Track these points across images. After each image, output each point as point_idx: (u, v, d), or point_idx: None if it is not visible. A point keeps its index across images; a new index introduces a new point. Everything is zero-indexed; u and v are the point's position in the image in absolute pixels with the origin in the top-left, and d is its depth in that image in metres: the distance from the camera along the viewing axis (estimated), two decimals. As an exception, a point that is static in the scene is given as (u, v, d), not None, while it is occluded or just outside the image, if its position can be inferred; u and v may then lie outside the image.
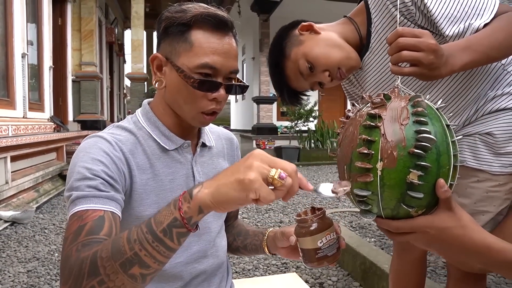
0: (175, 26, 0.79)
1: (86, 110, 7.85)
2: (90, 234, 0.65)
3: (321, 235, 0.74)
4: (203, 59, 0.77)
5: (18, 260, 2.70)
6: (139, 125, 0.87)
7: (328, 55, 1.04)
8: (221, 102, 0.83)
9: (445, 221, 0.60)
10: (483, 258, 0.62)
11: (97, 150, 0.76)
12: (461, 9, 0.91)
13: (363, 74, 1.14)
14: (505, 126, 0.99)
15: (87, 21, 7.85)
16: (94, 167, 0.73)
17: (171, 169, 0.87)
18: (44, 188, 4.61)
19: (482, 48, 0.84)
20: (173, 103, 0.85)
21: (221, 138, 1.03)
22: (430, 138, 0.56)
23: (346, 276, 2.34)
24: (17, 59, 4.35)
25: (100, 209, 0.69)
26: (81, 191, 0.70)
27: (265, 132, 9.27)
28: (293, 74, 1.09)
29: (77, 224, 0.67)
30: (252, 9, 9.56)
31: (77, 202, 0.70)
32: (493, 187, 1.01)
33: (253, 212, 4.01)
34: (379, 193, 0.59)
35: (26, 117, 4.60)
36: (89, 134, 0.87)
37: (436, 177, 0.58)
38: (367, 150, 0.58)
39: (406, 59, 0.75)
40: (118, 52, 11.96)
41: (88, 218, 0.67)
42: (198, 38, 0.78)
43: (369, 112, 0.61)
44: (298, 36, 1.09)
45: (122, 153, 0.79)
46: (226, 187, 0.56)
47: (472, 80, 1.02)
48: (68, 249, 0.64)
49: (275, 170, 0.55)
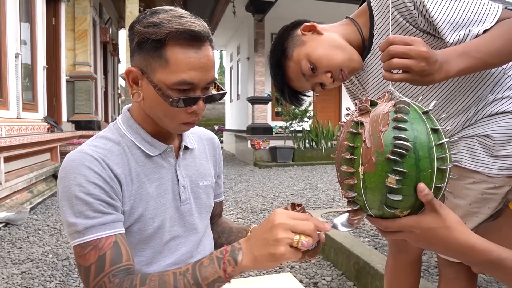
0: (149, 42, 0.76)
1: (80, 110, 7.80)
2: (114, 264, 0.73)
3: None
4: (180, 76, 0.76)
5: (12, 261, 2.69)
6: (122, 132, 0.87)
7: (330, 56, 1.04)
8: (200, 113, 0.83)
9: (430, 222, 0.62)
10: (467, 257, 0.65)
11: (88, 171, 0.77)
12: (463, 15, 0.91)
13: (365, 75, 1.14)
14: (504, 129, 1.00)
15: (81, 21, 7.80)
16: (92, 190, 0.76)
17: (156, 175, 0.88)
18: (38, 189, 4.58)
19: (480, 54, 0.84)
20: (153, 115, 0.85)
21: (202, 139, 1.04)
22: (406, 144, 0.58)
23: (340, 276, 2.36)
24: (10, 59, 4.33)
25: (111, 234, 0.75)
26: (87, 219, 0.75)
27: (260, 132, 9.28)
28: (294, 75, 1.09)
29: (96, 254, 0.73)
30: (247, 9, 9.55)
31: (85, 232, 0.74)
32: (488, 189, 1.02)
33: (248, 212, 4.02)
34: (363, 195, 0.63)
35: (19, 117, 4.57)
36: (83, 135, 0.89)
37: (416, 180, 0.60)
38: (349, 155, 0.63)
39: (396, 66, 0.76)
40: (113, 52, 11.89)
41: (105, 247, 0.74)
42: (174, 54, 0.76)
43: (353, 119, 0.65)
44: (301, 36, 1.08)
45: (110, 169, 0.80)
46: (263, 258, 0.66)
47: (472, 83, 1.02)
48: (98, 279, 0.72)
49: (298, 237, 0.65)
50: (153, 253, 0.87)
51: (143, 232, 0.85)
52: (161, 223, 0.87)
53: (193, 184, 0.95)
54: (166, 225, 0.88)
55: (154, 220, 0.86)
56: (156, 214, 0.86)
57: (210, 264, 0.70)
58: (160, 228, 0.87)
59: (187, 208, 0.93)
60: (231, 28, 12.09)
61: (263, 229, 0.67)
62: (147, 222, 0.85)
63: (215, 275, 0.69)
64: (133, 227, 0.84)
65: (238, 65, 13.07)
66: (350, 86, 1.27)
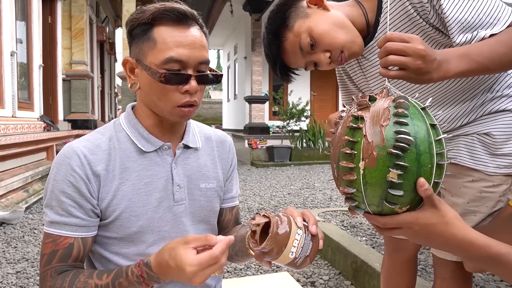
0: (137, 27, 0.82)
1: (76, 109, 7.76)
2: (60, 261, 0.81)
3: (287, 249, 0.71)
4: (168, 53, 0.78)
5: (7, 261, 2.67)
6: (120, 127, 0.88)
7: (334, 34, 0.98)
8: (195, 94, 0.82)
9: (429, 218, 0.62)
10: (466, 253, 0.64)
11: (66, 168, 0.81)
12: (476, 16, 0.89)
13: (367, 63, 1.11)
14: (504, 127, 0.99)
15: (78, 19, 7.77)
16: (66, 188, 0.81)
17: (148, 172, 0.86)
18: (33, 188, 4.55)
19: (481, 58, 0.83)
20: (149, 102, 0.86)
21: (212, 140, 1.01)
22: (408, 138, 0.58)
23: (338, 275, 2.36)
24: (5, 57, 4.30)
25: (70, 236, 0.81)
26: (56, 214, 0.81)
27: (257, 131, 9.28)
28: (291, 48, 1.02)
29: (51, 248, 0.81)
30: (244, 8, 9.54)
31: (50, 224, 0.81)
32: (487, 188, 1.01)
33: (245, 212, 4.01)
34: (363, 191, 0.62)
35: (15, 116, 4.55)
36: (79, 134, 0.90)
37: (417, 175, 0.59)
38: (349, 150, 0.62)
39: (392, 63, 0.75)
40: (109, 51, 11.85)
41: (60, 244, 0.81)
42: (160, 34, 0.79)
43: (353, 114, 0.64)
44: (306, 8, 1.01)
45: (90, 166, 0.82)
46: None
47: (471, 81, 1.02)
48: (44, 270, 0.81)
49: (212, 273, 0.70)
50: (137, 251, 0.85)
51: (126, 230, 0.84)
52: (147, 222, 0.85)
53: (191, 185, 0.92)
54: (154, 224, 0.86)
55: (138, 218, 0.84)
56: (142, 212, 0.84)
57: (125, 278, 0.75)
58: (145, 227, 0.85)
59: (181, 209, 0.90)
60: (228, 27, 12.08)
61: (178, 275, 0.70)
62: (130, 219, 0.83)
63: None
64: (114, 224, 0.83)
65: (235, 65, 13.07)
66: (344, 74, 1.24)
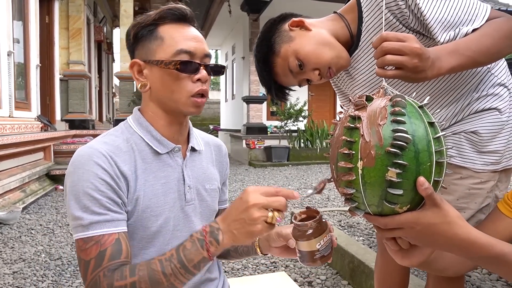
0: (143, 29, 0.86)
1: (74, 109, 7.73)
2: (112, 259, 0.75)
3: (319, 238, 0.78)
4: (178, 46, 0.83)
5: (4, 261, 2.66)
6: (131, 130, 0.90)
7: (319, 53, 1.03)
8: (205, 83, 0.87)
9: (431, 218, 0.61)
10: (468, 252, 0.64)
11: (96, 167, 0.79)
12: (455, 15, 0.92)
13: (354, 71, 1.14)
14: (490, 125, 1.03)
15: (75, 19, 7.74)
16: (100, 186, 0.78)
17: (163, 173, 0.89)
18: (31, 188, 4.54)
19: (470, 52, 0.86)
20: (162, 98, 0.87)
21: (210, 145, 1.06)
22: (406, 137, 0.57)
23: (335, 275, 2.36)
24: (2, 57, 4.28)
25: (114, 232, 0.78)
26: (93, 214, 0.77)
27: (255, 131, 9.27)
28: (282, 71, 1.08)
29: (97, 249, 0.75)
30: (242, 8, 9.54)
31: (90, 227, 0.76)
32: (475, 184, 1.04)
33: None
34: (362, 191, 0.61)
35: (12, 116, 4.53)
36: (76, 134, 0.89)
37: (416, 174, 0.59)
38: (347, 150, 0.61)
39: (390, 63, 0.76)
40: (107, 51, 11.82)
41: (106, 243, 0.76)
42: (166, 32, 0.85)
43: (350, 114, 0.63)
44: (288, 32, 1.06)
45: (117, 166, 0.81)
46: (242, 236, 0.71)
47: (457, 81, 1.04)
48: (95, 274, 0.74)
49: (271, 214, 0.70)
50: (156, 252, 0.87)
51: (146, 230, 0.85)
52: (164, 221, 0.87)
53: (199, 186, 0.96)
54: (170, 223, 0.88)
55: (158, 217, 0.86)
56: (161, 212, 0.86)
57: (193, 247, 0.73)
58: (164, 226, 0.87)
59: (191, 209, 0.93)
60: (226, 27, 12.07)
61: (238, 209, 0.71)
62: (150, 219, 0.85)
63: (199, 256, 0.73)
64: (137, 224, 0.85)
65: (233, 65, 13.05)
66: (337, 81, 1.27)
